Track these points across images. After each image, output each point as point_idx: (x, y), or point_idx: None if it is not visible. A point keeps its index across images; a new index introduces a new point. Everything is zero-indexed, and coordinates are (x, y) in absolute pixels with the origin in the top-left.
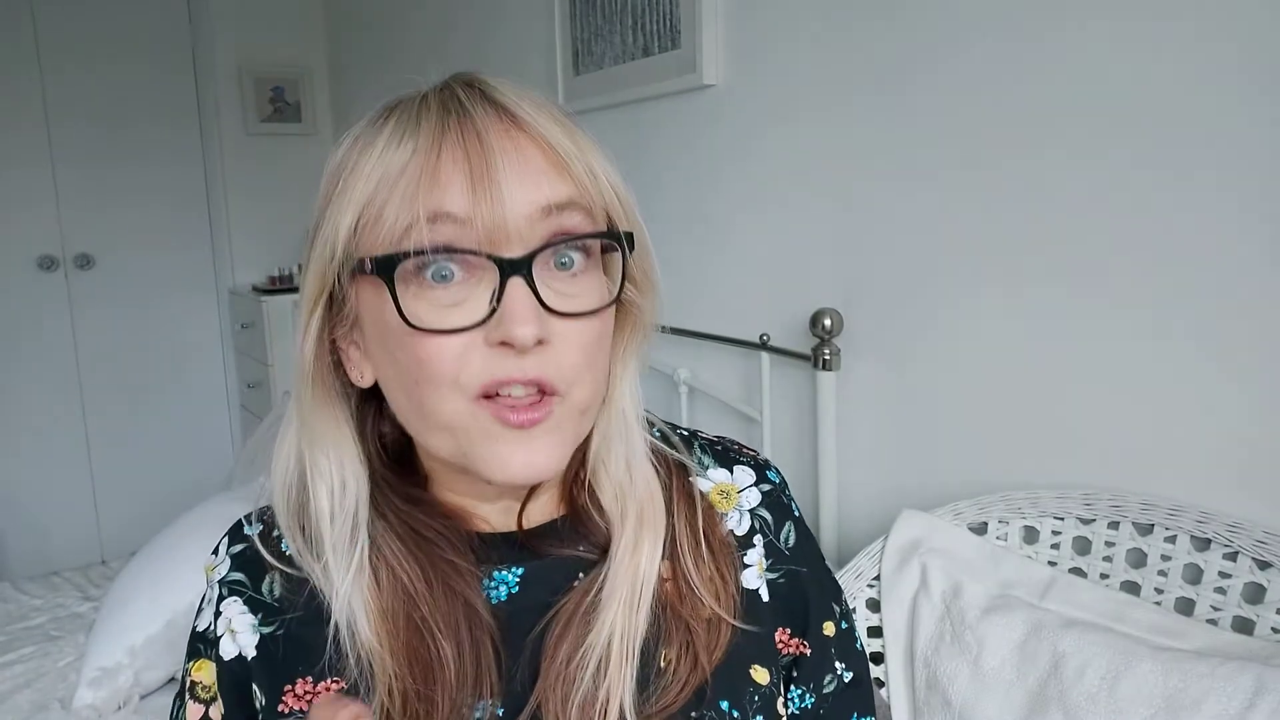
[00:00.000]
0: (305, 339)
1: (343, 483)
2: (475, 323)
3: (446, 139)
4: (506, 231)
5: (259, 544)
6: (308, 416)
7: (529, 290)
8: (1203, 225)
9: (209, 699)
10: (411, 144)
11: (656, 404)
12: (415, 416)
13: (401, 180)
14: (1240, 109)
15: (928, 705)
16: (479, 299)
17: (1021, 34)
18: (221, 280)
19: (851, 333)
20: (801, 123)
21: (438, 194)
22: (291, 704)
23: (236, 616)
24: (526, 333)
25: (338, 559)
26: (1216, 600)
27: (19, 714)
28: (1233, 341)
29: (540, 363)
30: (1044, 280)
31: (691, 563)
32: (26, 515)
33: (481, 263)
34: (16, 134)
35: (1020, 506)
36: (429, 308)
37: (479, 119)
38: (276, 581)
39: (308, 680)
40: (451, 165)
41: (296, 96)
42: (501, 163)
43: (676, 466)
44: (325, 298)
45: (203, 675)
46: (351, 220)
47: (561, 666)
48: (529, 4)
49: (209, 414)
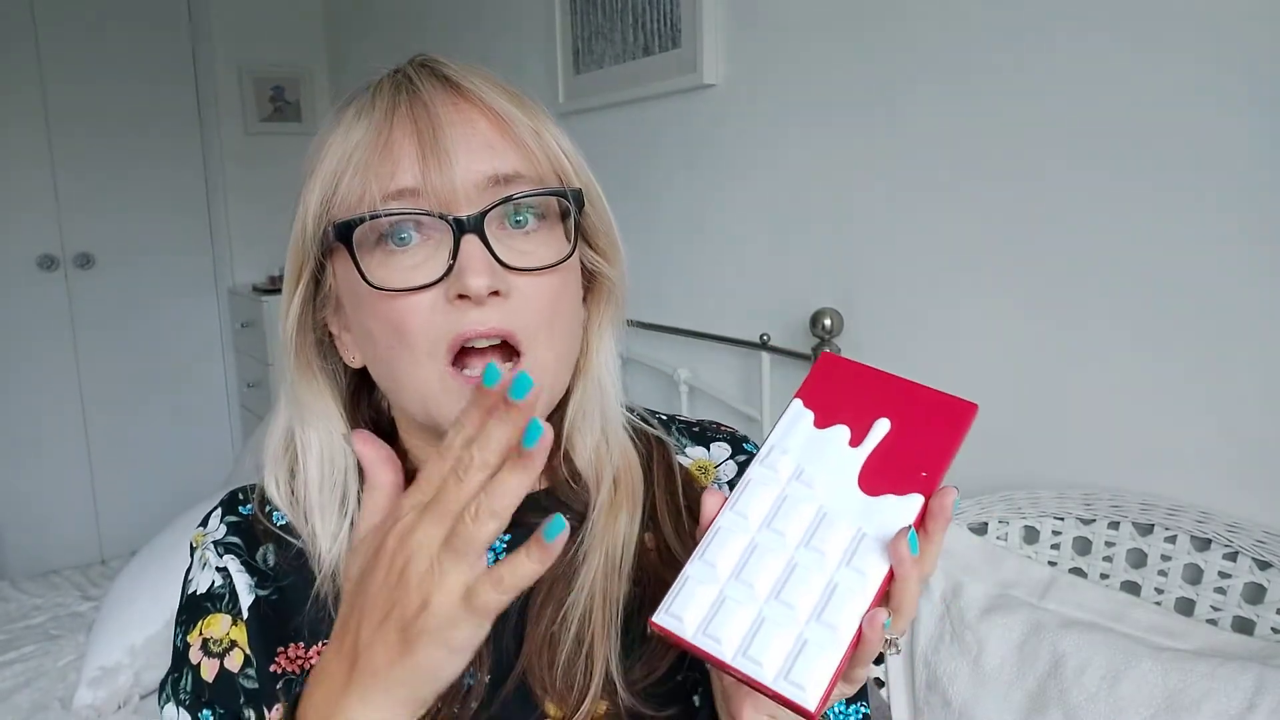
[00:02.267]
0: (287, 316)
1: (330, 455)
2: (434, 280)
3: (397, 113)
4: (456, 197)
5: (258, 511)
6: (294, 391)
7: (482, 245)
8: (1202, 227)
9: (221, 651)
10: (367, 121)
11: (657, 403)
12: (393, 385)
13: (356, 154)
14: (1234, 115)
15: (928, 705)
16: (438, 259)
17: (1021, 39)
18: (221, 280)
19: (851, 333)
20: (802, 122)
21: (390, 165)
22: (285, 665)
23: (236, 574)
24: (480, 283)
25: (325, 525)
26: (1216, 600)
27: (19, 714)
28: (1232, 342)
29: (501, 314)
30: (1044, 280)
31: (672, 530)
32: (26, 515)
33: (435, 224)
34: (17, 133)
35: (1020, 506)
36: (391, 272)
37: (426, 93)
38: (270, 552)
39: (299, 645)
40: (402, 137)
41: (296, 96)
42: (449, 133)
43: (656, 442)
44: (306, 276)
45: (213, 630)
46: (319, 197)
47: (545, 630)
48: (529, 3)
49: (209, 414)
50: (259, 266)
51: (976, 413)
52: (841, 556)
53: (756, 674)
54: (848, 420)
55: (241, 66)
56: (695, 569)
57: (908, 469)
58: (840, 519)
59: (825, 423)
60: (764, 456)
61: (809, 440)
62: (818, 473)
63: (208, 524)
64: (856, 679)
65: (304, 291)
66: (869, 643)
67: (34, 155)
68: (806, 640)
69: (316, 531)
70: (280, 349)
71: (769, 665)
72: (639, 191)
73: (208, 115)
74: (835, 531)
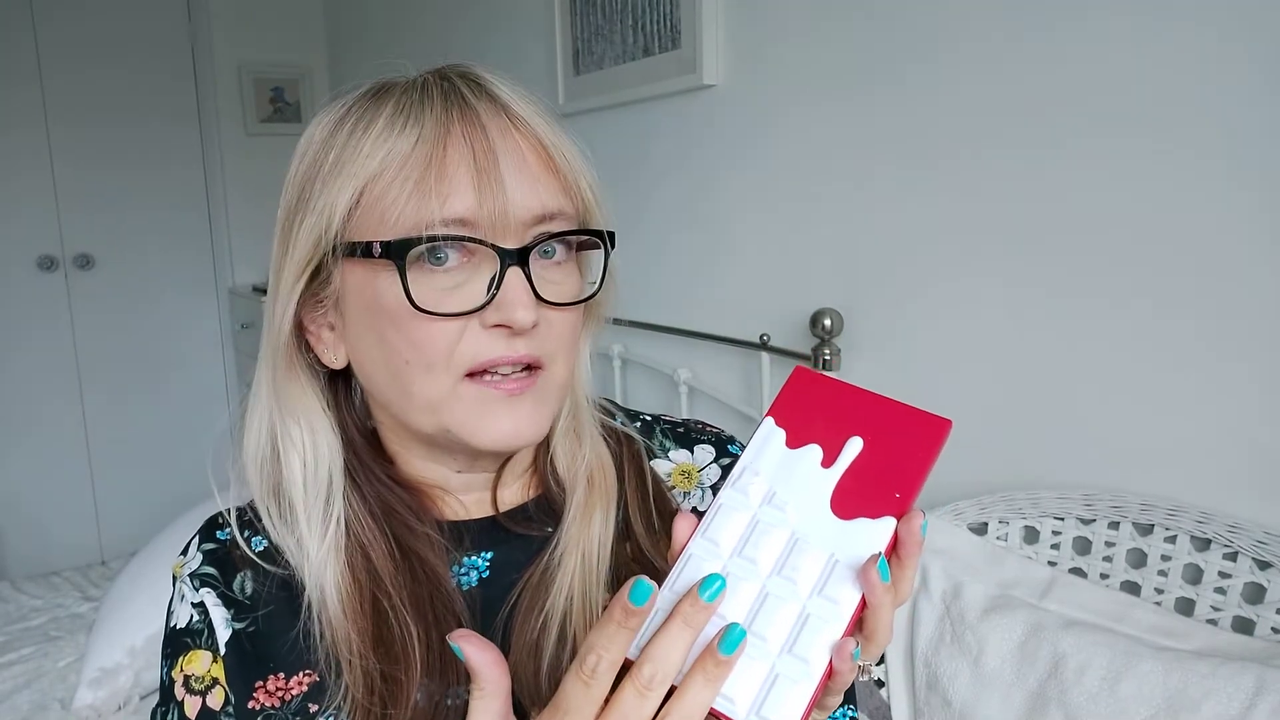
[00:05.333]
0: (286, 308)
1: (315, 451)
2: (474, 308)
3: (452, 132)
4: (507, 230)
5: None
6: (280, 384)
7: (525, 279)
8: (1203, 226)
9: (203, 689)
10: (416, 131)
11: (656, 404)
12: (399, 396)
13: (408, 167)
14: (1247, 105)
15: (928, 705)
16: (475, 285)
17: (1020, 41)
18: (221, 280)
19: (851, 333)
20: (801, 122)
21: (445, 187)
22: (263, 700)
23: (212, 608)
24: (526, 317)
25: (311, 528)
26: (1216, 600)
27: (19, 714)
28: (1233, 342)
29: (532, 344)
30: (1044, 280)
31: (643, 530)
32: (26, 515)
33: (481, 250)
34: (16, 133)
35: (1020, 506)
36: (428, 291)
37: (482, 114)
38: (248, 580)
39: (279, 676)
40: (457, 159)
41: (296, 97)
42: (504, 163)
43: (625, 439)
44: (312, 268)
45: (194, 667)
46: (350, 198)
47: (528, 638)
48: (529, 4)
49: (209, 414)
50: (259, 266)
51: (950, 429)
52: (814, 585)
53: (729, 710)
54: (820, 439)
55: (241, 66)
56: (667, 601)
57: (880, 490)
58: (812, 545)
59: (797, 442)
60: (735, 479)
61: (781, 461)
62: (790, 496)
63: (187, 552)
64: (829, 706)
65: (304, 284)
66: (839, 674)
67: (33, 155)
68: (779, 674)
69: (304, 536)
70: (268, 342)
71: (741, 701)
72: (639, 191)
73: (207, 115)
74: (807, 558)
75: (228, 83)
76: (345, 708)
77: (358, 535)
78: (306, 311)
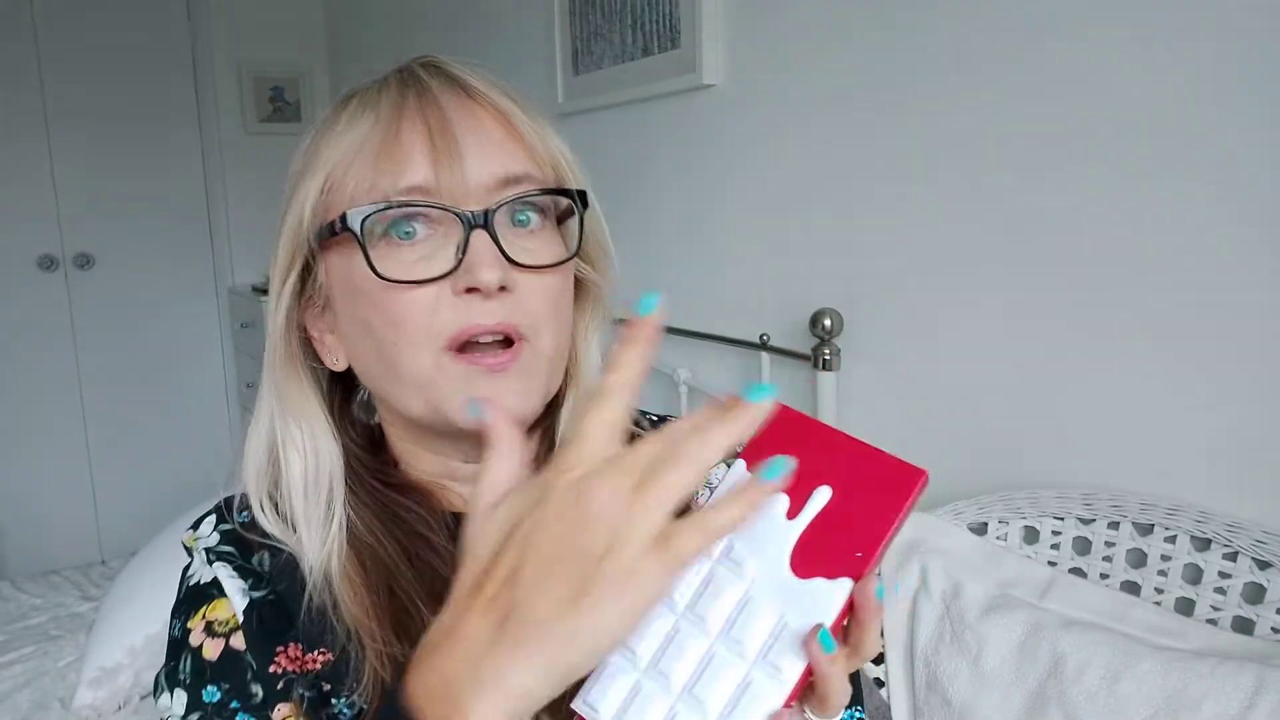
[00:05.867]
0: (278, 309)
1: (315, 453)
2: (443, 273)
3: (406, 109)
4: (467, 196)
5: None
6: (280, 385)
7: (491, 240)
8: (1201, 228)
9: (227, 632)
10: (372, 116)
11: (656, 404)
12: (391, 381)
13: (364, 148)
14: (1235, 116)
15: (928, 705)
16: (444, 253)
17: (1021, 41)
18: (221, 280)
19: (851, 333)
20: (802, 123)
21: (400, 160)
22: (285, 665)
23: (227, 580)
24: (491, 277)
25: (311, 533)
26: (1216, 600)
27: (19, 714)
28: (1232, 342)
29: (506, 309)
30: (1043, 281)
31: None
32: (26, 514)
33: (442, 218)
34: (17, 133)
35: (1020, 506)
36: (396, 265)
37: (436, 91)
38: (265, 558)
39: (298, 645)
40: (412, 133)
41: (296, 96)
42: (460, 133)
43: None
44: (298, 267)
45: (219, 613)
46: (317, 187)
47: None
48: (529, 4)
49: (209, 414)
50: (259, 267)
51: (925, 481)
52: (760, 649)
53: None
54: (788, 487)
55: (241, 66)
56: (615, 655)
57: (842, 547)
58: (764, 605)
59: None
60: None
61: None
62: (748, 551)
63: (199, 528)
64: None
65: (294, 284)
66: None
67: (34, 155)
68: None
69: (304, 540)
70: (267, 344)
71: None
72: (638, 192)
73: (207, 115)
74: (757, 620)
75: (227, 82)
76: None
77: (364, 536)
78: (308, 315)
